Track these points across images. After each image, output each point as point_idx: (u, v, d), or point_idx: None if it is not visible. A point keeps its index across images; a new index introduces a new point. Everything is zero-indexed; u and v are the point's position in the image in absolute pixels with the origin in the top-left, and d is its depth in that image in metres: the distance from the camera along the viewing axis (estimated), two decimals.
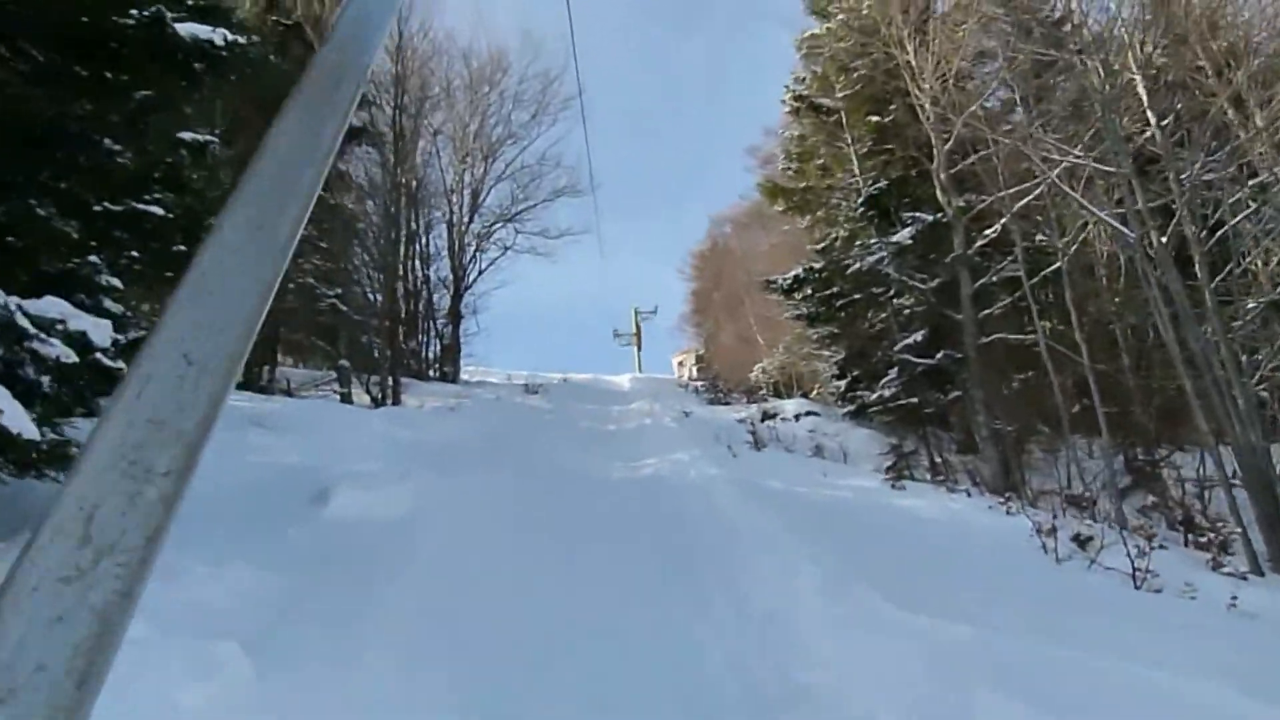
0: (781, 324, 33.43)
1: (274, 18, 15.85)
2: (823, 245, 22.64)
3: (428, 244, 26.41)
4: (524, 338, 77.32)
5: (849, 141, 20.04)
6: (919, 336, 16.88)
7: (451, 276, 25.93)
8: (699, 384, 28.70)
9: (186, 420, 0.66)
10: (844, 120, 20.06)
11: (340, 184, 18.54)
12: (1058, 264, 14.41)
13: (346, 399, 15.26)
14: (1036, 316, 14.57)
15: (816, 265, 21.00)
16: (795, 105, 21.48)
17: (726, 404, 23.25)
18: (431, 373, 24.98)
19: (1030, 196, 14.78)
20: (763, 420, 19.76)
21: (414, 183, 25.89)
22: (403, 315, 25.04)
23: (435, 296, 26.29)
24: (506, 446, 11.16)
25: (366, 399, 15.79)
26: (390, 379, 16.55)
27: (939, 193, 16.94)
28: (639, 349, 43.14)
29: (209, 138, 8.22)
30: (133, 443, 0.64)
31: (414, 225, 26.06)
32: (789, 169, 23.41)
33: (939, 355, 16.12)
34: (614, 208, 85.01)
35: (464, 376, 26.07)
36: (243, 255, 0.79)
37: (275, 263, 0.79)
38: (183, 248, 6.82)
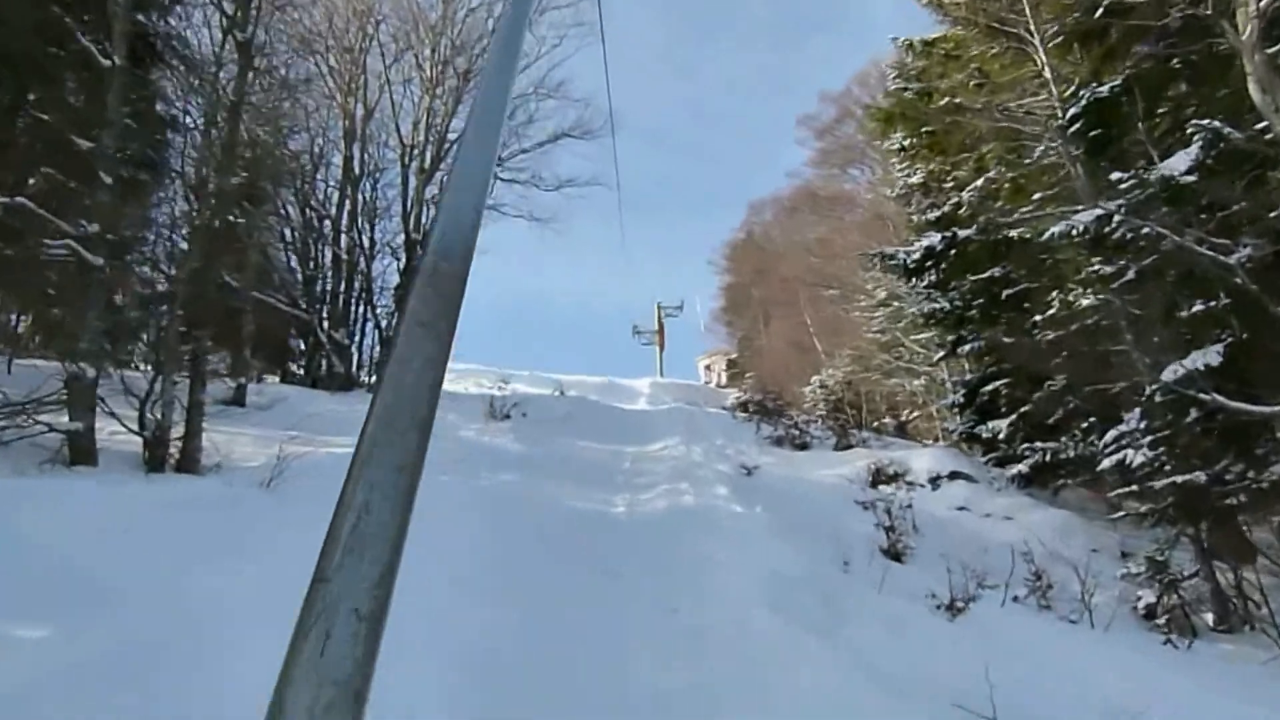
0: (848, 325, 25.48)
1: None
2: (940, 213, 14.69)
3: (373, 195, 18.64)
4: (530, 331, 69.54)
5: (1030, 26, 11.93)
6: (1211, 357, 8.81)
7: (404, 240, 18.01)
8: (744, 399, 20.76)
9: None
10: None
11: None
12: None
13: (82, 449, 7.32)
14: None
15: (963, 232, 12.96)
16: None
17: (803, 446, 15.08)
18: (364, 376, 17.15)
19: None
20: (874, 484, 11.78)
21: (359, 107, 18.21)
22: (324, 290, 17.41)
23: (384, 266, 18.41)
24: None
25: (139, 442, 7.90)
26: (189, 392, 8.54)
27: (1253, 89, 8.93)
28: (661, 349, 35.39)
29: None
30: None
31: (361, 168, 18.39)
32: (906, 90, 15.31)
33: None
34: (635, 207, 77.46)
35: None
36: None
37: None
38: None
